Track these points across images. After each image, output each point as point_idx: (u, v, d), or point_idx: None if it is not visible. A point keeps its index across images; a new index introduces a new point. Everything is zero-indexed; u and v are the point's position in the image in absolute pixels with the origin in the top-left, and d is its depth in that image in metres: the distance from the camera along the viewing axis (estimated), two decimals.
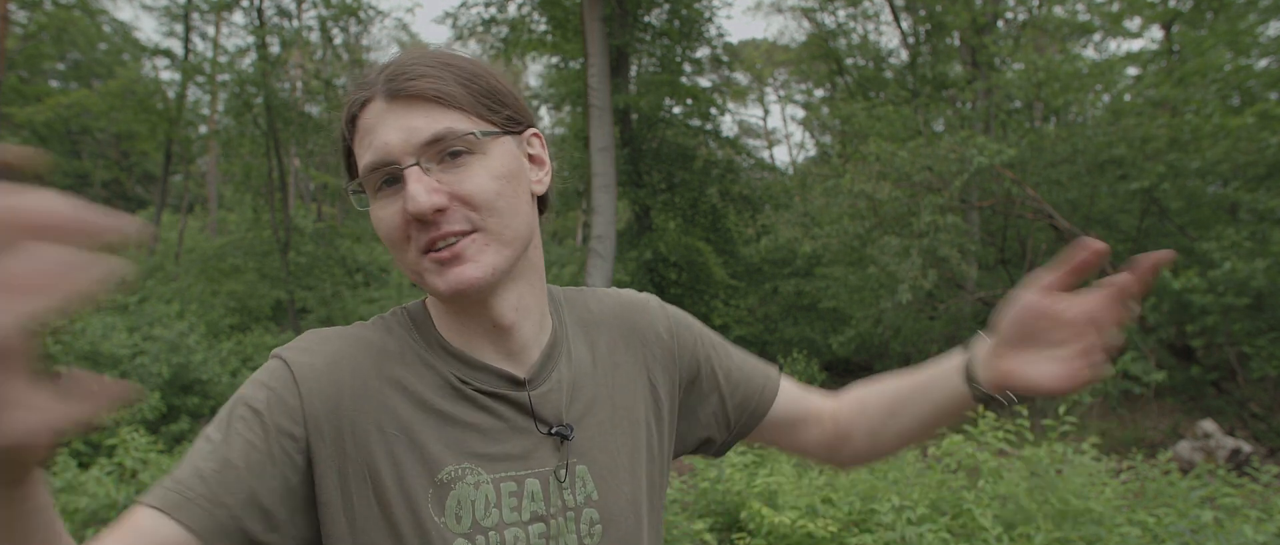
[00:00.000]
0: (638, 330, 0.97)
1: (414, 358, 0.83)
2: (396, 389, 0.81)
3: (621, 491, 0.88)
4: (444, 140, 0.76)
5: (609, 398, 0.91)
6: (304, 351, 0.80)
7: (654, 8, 14.98)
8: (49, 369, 0.36)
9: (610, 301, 0.99)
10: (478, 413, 0.82)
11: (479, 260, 0.77)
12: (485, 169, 0.78)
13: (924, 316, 12.20)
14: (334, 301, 15.90)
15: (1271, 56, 10.13)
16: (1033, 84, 11.17)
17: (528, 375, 0.86)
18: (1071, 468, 3.84)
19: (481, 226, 0.78)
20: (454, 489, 0.79)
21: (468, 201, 0.77)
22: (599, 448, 0.88)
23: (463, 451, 0.80)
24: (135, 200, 28.56)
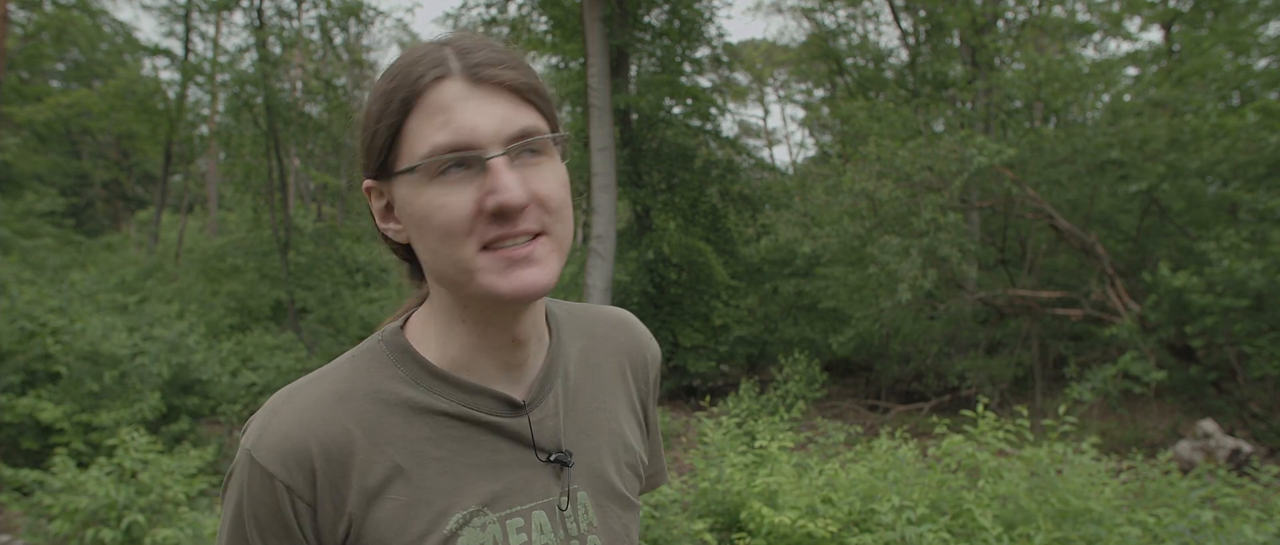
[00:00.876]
0: (628, 352, 0.96)
1: (401, 401, 0.77)
2: (394, 443, 0.76)
3: (619, 516, 0.87)
4: (530, 137, 0.73)
5: (603, 420, 0.89)
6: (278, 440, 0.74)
7: (654, 8, 14.97)
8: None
9: (605, 319, 0.96)
10: (475, 448, 0.79)
11: (547, 265, 0.74)
12: (555, 174, 0.76)
13: (924, 316, 12.20)
14: (334, 301, 15.89)
15: (1271, 56, 10.14)
16: (1032, 84, 11.17)
17: (526, 398, 0.82)
18: (1071, 468, 3.84)
19: (550, 231, 0.75)
20: (462, 536, 0.76)
21: (543, 203, 0.74)
22: (596, 473, 0.86)
23: (465, 495, 0.77)
24: (135, 200, 28.54)
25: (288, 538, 0.74)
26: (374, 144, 0.76)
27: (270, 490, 0.73)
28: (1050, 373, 11.65)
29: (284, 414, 0.75)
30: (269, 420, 0.76)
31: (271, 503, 0.73)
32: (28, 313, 8.44)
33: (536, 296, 0.74)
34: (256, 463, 0.74)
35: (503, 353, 0.81)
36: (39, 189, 17.63)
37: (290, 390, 0.78)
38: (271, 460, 0.73)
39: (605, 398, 0.90)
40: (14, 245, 12.72)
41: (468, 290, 0.75)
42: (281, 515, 0.74)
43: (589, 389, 0.89)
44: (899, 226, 9.95)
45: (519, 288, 0.73)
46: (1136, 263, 11.14)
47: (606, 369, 0.92)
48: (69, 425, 7.53)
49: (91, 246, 16.95)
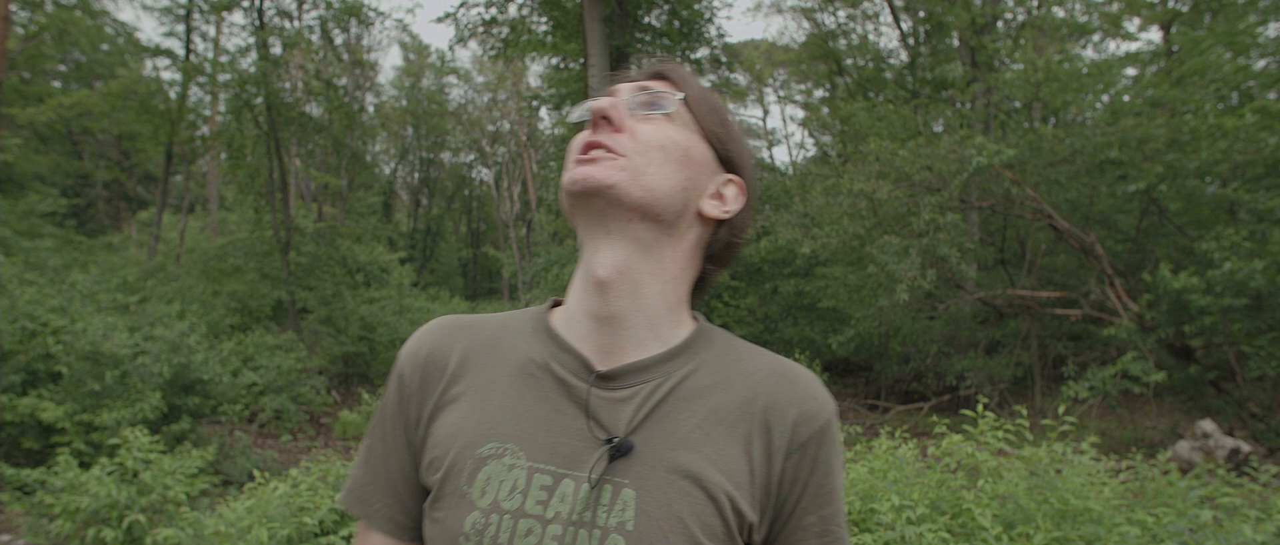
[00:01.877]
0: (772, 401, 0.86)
1: (511, 344, 0.90)
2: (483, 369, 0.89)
3: (665, 540, 0.79)
4: (651, 91, 0.88)
5: (695, 443, 0.83)
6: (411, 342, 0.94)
7: (654, 8, 14.99)
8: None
9: (766, 364, 0.89)
10: (542, 399, 0.85)
11: (603, 167, 0.83)
12: (667, 129, 0.87)
13: (923, 316, 12.21)
14: (334, 301, 15.90)
15: (1270, 57, 10.14)
16: (1031, 84, 11.18)
17: (607, 371, 0.84)
18: (1071, 467, 3.85)
19: (631, 159, 0.83)
20: (488, 465, 0.82)
21: (635, 134, 0.85)
22: (659, 486, 0.80)
23: (509, 431, 0.83)
24: (136, 200, 28.56)
25: (394, 419, 0.92)
26: None
27: (396, 376, 0.93)
28: (1050, 373, 11.67)
29: (425, 326, 0.96)
30: (419, 329, 0.96)
31: (394, 386, 0.93)
32: (29, 313, 8.45)
33: (584, 188, 0.82)
34: (398, 355, 0.95)
35: (592, 324, 0.87)
36: (40, 189, 17.65)
37: (446, 315, 0.98)
38: (403, 353, 0.94)
39: (712, 426, 0.84)
40: (15, 246, 12.73)
41: None
42: (394, 396, 0.92)
43: (696, 408, 0.84)
44: (898, 227, 9.96)
45: (570, 178, 0.83)
46: (1136, 263, 11.15)
47: (730, 401, 0.85)
48: (70, 425, 7.54)
49: (92, 247, 16.95)
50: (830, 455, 0.87)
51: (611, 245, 0.85)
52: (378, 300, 17.59)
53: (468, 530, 0.80)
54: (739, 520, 0.83)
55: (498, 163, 34.69)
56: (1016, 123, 13.70)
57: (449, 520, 0.82)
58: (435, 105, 33.79)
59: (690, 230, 0.89)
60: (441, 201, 37.67)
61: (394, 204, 35.72)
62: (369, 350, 16.82)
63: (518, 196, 33.90)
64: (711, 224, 0.91)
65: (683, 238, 0.88)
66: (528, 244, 32.49)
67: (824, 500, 0.87)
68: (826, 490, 0.87)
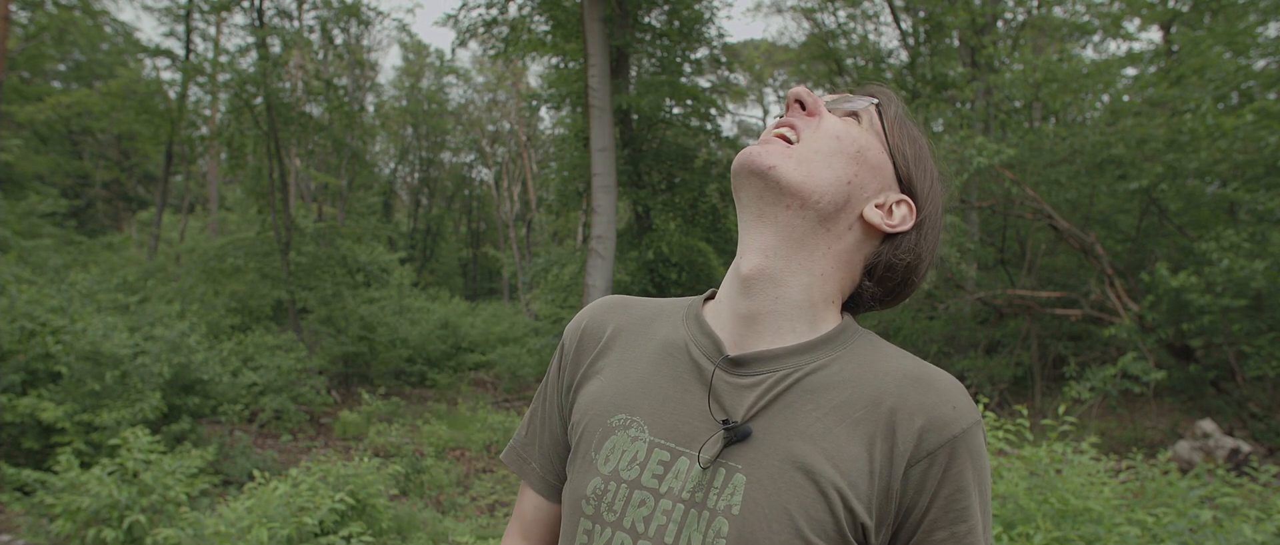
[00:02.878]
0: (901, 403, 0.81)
1: (662, 327, 0.94)
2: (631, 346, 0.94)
3: (768, 529, 0.77)
4: (855, 99, 0.93)
5: (816, 436, 0.80)
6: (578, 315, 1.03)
7: (654, 8, 14.99)
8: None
9: (902, 364, 0.85)
10: (675, 379, 0.88)
11: (771, 151, 0.85)
12: (849, 126, 0.89)
13: (923, 316, 12.21)
14: (334, 301, 15.90)
15: (1270, 57, 10.14)
16: (1031, 84, 11.18)
17: (736, 356, 0.85)
18: (1071, 467, 3.85)
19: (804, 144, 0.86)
20: (615, 435, 0.87)
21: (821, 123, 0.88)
22: (771, 475, 0.79)
23: (640, 406, 0.87)
24: (136, 200, 28.56)
25: (553, 382, 1.01)
26: None
27: (560, 345, 1.01)
28: (1049, 373, 11.67)
29: (590, 304, 1.03)
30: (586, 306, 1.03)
31: (557, 354, 1.01)
32: (28, 312, 8.44)
33: (748, 167, 0.85)
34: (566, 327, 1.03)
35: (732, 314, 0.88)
36: (40, 189, 17.65)
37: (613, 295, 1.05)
38: (568, 326, 1.02)
39: (834, 420, 0.81)
40: (14, 245, 12.73)
41: None
42: (558, 361, 1.01)
43: (820, 402, 0.82)
44: None
45: (739, 157, 0.86)
46: (1136, 263, 11.15)
47: (859, 399, 0.82)
48: (70, 425, 7.54)
49: (92, 246, 16.95)
50: (964, 469, 0.80)
51: (762, 231, 0.86)
52: (378, 300, 17.58)
53: (588, 494, 0.86)
54: (851, 520, 0.78)
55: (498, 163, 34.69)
56: (1016, 123, 13.70)
57: (576, 482, 0.89)
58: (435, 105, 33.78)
59: (849, 232, 0.87)
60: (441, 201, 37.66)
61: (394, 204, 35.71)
62: (369, 350, 16.81)
63: (518, 196, 33.89)
64: (876, 235, 0.89)
65: (840, 237, 0.87)
66: (528, 244, 32.47)
67: (956, 517, 0.80)
68: (959, 507, 0.80)
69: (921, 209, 0.92)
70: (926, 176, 0.94)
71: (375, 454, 9.11)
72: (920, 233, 0.92)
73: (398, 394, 15.74)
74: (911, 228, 0.91)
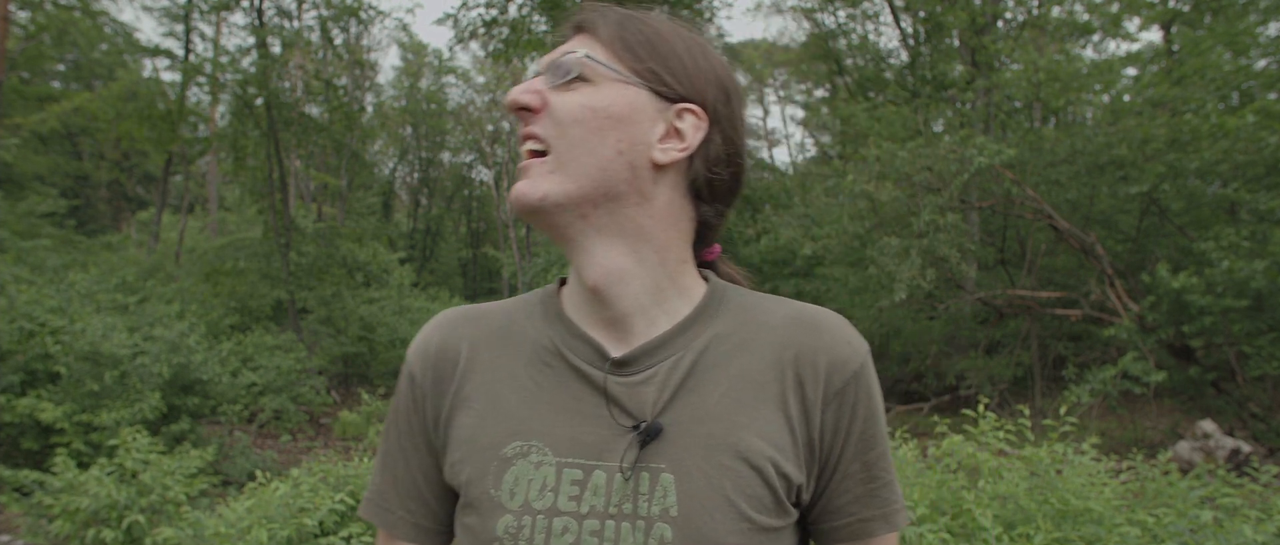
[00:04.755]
0: (800, 353, 0.81)
1: (521, 332, 0.86)
2: (495, 362, 0.85)
3: (713, 522, 0.75)
4: (561, 59, 0.81)
5: (727, 413, 0.79)
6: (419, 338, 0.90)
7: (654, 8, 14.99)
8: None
9: (787, 314, 0.84)
10: (560, 389, 0.81)
11: (535, 182, 0.78)
12: (585, 96, 0.79)
13: (923, 316, 12.20)
14: (334, 302, 15.90)
15: (1270, 57, 10.14)
16: (1032, 84, 11.18)
17: (622, 356, 0.80)
18: (1071, 468, 3.84)
19: (553, 147, 0.78)
20: (515, 465, 0.78)
21: (553, 114, 0.79)
22: (698, 465, 0.76)
23: (534, 429, 0.79)
24: (136, 201, 28.56)
25: (410, 421, 0.89)
26: None
27: (406, 376, 0.89)
28: (1050, 373, 11.66)
29: (431, 321, 0.92)
30: (424, 325, 0.92)
31: (406, 388, 0.89)
32: (27, 313, 8.44)
33: (520, 209, 0.78)
34: (407, 356, 0.91)
35: (588, 298, 0.83)
36: (40, 190, 17.64)
37: (450, 308, 0.93)
38: (411, 352, 0.90)
39: (742, 390, 0.80)
40: (12, 246, 12.73)
41: None
42: (408, 399, 0.89)
43: (722, 376, 0.80)
44: (899, 227, 9.95)
45: (511, 198, 0.78)
46: (1136, 263, 11.14)
47: (757, 361, 0.81)
48: (69, 425, 7.53)
49: (92, 246, 16.94)
50: (869, 399, 0.83)
51: (583, 246, 0.80)
52: (378, 300, 17.57)
53: (500, 534, 0.77)
54: (787, 485, 0.79)
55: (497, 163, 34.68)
56: (1017, 123, 13.70)
57: (480, 526, 0.78)
58: (434, 105, 33.78)
59: (657, 187, 0.80)
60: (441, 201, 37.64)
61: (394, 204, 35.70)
62: (369, 350, 16.80)
63: None
64: (682, 164, 0.82)
65: (651, 199, 0.80)
66: (528, 244, 32.48)
67: (867, 445, 0.83)
68: (869, 435, 0.83)
69: (701, 98, 0.82)
70: (684, 64, 0.82)
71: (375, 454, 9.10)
72: (717, 123, 0.83)
73: None
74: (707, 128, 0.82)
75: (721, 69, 0.85)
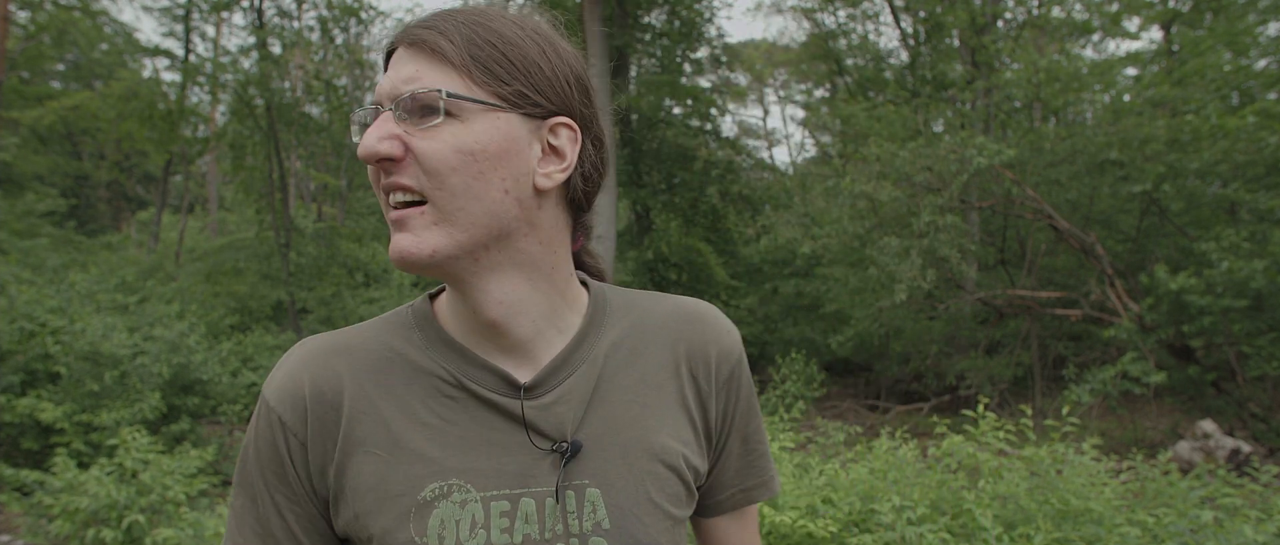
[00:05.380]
0: (689, 346, 0.86)
1: (407, 362, 0.78)
2: (385, 398, 0.77)
3: (643, 523, 0.79)
4: (417, 95, 0.70)
5: (636, 418, 0.81)
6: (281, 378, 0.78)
7: (654, 8, 14.98)
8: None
9: (669, 310, 0.88)
10: (471, 422, 0.77)
11: (421, 236, 0.71)
12: (454, 137, 0.70)
13: (923, 316, 12.20)
14: (334, 302, 15.90)
15: (1271, 57, 10.14)
16: (1032, 84, 11.17)
17: (531, 381, 0.78)
18: (1071, 468, 3.84)
19: (431, 198, 0.71)
20: (437, 508, 0.74)
21: (421, 162, 0.70)
22: (620, 474, 0.79)
23: (451, 467, 0.75)
24: (135, 201, 28.55)
25: (281, 473, 0.77)
26: None
27: (269, 424, 0.77)
28: (1050, 373, 11.66)
29: (292, 357, 0.80)
30: (282, 362, 0.80)
31: (269, 436, 0.77)
32: (27, 313, 8.44)
33: (407, 266, 0.71)
34: (264, 399, 0.79)
35: (482, 330, 0.78)
36: (39, 189, 17.64)
37: (308, 339, 0.81)
38: (273, 397, 0.78)
39: (645, 392, 0.82)
40: (12, 246, 12.72)
41: None
42: (276, 449, 0.77)
43: (625, 382, 0.82)
44: (899, 227, 9.95)
45: (393, 254, 0.72)
46: (1136, 263, 11.14)
47: (653, 362, 0.84)
48: (69, 425, 7.53)
49: (91, 246, 16.95)
50: (747, 378, 0.90)
51: (480, 287, 0.76)
52: (378, 300, 17.56)
53: None
54: (695, 475, 0.85)
55: None
56: (1017, 123, 13.69)
57: None
58: None
59: (541, 212, 0.77)
60: None
61: None
62: None
63: None
64: (563, 185, 0.79)
65: (538, 225, 0.77)
66: None
67: (746, 420, 0.90)
68: (747, 410, 0.90)
69: (569, 106, 0.76)
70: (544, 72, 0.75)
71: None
72: (587, 128, 0.79)
73: None
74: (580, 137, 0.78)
75: (574, 61, 0.78)
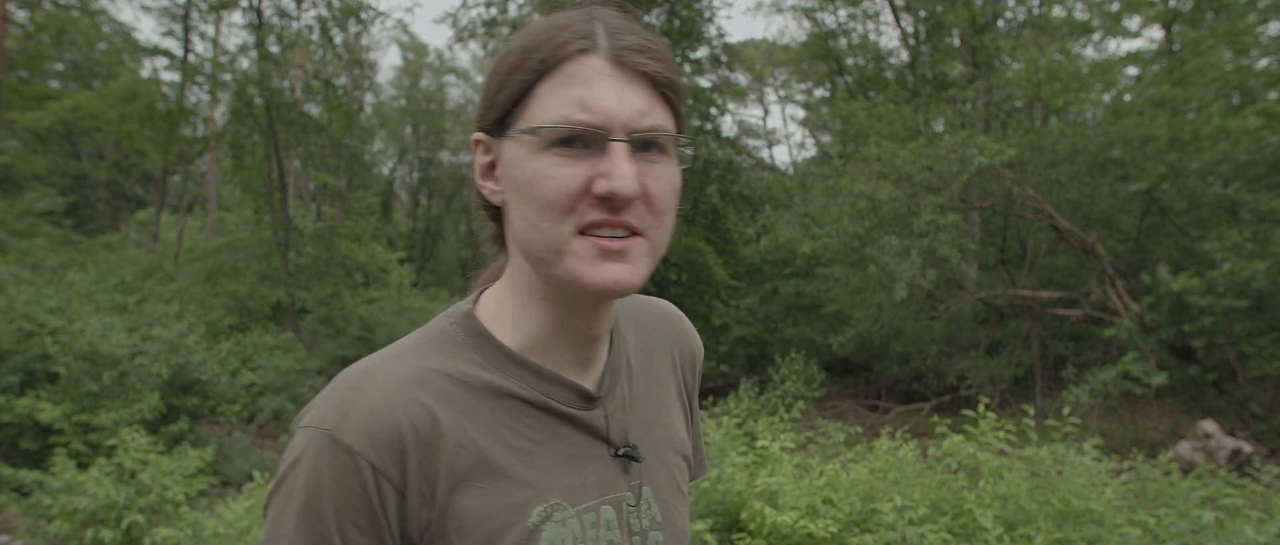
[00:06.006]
0: (677, 344, 0.95)
1: (484, 385, 0.76)
2: (476, 426, 0.74)
3: (678, 510, 0.86)
4: (657, 135, 0.71)
5: (660, 413, 0.89)
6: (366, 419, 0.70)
7: (654, 8, 14.98)
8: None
9: (654, 310, 0.95)
10: (553, 439, 0.77)
11: (638, 266, 0.72)
12: (669, 177, 0.73)
13: (924, 316, 12.19)
14: (333, 302, 15.90)
15: (1271, 56, 10.13)
16: (1032, 84, 11.17)
17: (599, 390, 0.81)
18: (1072, 468, 3.83)
19: (647, 233, 0.72)
20: (545, 531, 0.74)
21: (651, 202, 0.72)
22: (658, 469, 0.85)
23: (546, 488, 0.75)
24: (135, 200, 28.54)
25: (373, 529, 0.70)
26: (498, 97, 0.74)
27: (356, 473, 0.68)
28: (1050, 373, 11.65)
29: (368, 391, 0.71)
30: (351, 398, 0.71)
31: (358, 487, 0.69)
32: (26, 313, 8.43)
33: (622, 294, 0.72)
34: (340, 444, 0.68)
35: (577, 344, 0.79)
36: (39, 189, 17.63)
37: (367, 369, 0.74)
38: (358, 440, 0.69)
39: (659, 390, 0.90)
40: (10, 246, 12.71)
41: (553, 271, 0.72)
42: (366, 501, 0.69)
43: (645, 381, 0.88)
44: (899, 227, 9.95)
45: (608, 281, 0.70)
46: (1137, 263, 11.13)
47: (659, 360, 0.91)
48: (68, 425, 7.52)
49: (90, 246, 16.93)
50: (700, 370, 1.01)
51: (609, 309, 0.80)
52: (377, 300, 17.58)
53: None
54: (690, 448, 0.94)
55: None
56: (1017, 122, 13.69)
57: None
58: (434, 105, 33.78)
59: None
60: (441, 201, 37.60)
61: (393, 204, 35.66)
62: (368, 350, 16.74)
63: None
64: None
65: None
66: None
67: (696, 408, 1.00)
68: (696, 390, 1.00)
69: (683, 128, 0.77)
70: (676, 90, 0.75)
71: None
72: None
73: None
74: None
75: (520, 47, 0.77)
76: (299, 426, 0.72)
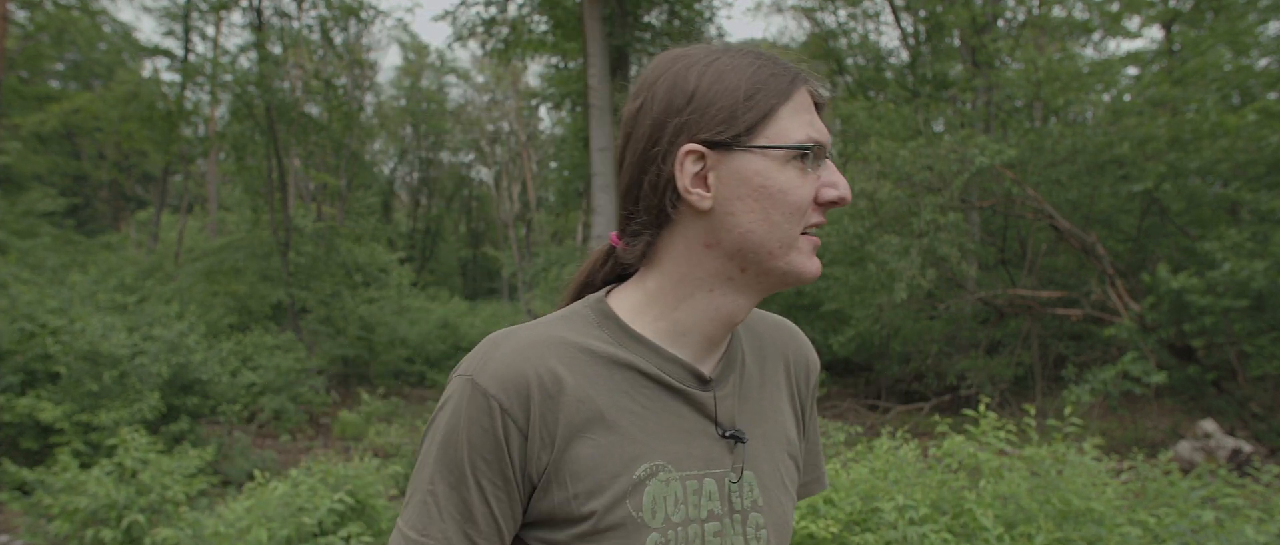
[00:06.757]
0: (791, 354, 1.02)
1: (607, 356, 0.86)
2: (596, 388, 0.84)
3: (780, 502, 0.93)
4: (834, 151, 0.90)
5: (770, 411, 0.96)
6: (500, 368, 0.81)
7: (654, 7, 14.97)
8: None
9: (770, 321, 1.04)
10: (664, 410, 0.86)
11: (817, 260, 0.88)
12: None
13: (924, 316, 12.19)
14: (334, 302, 15.89)
15: (1271, 56, 10.13)
16: (1032, 83, 11.17)
17: (712, 375, 0.90)
18: (1072, 468, 3.83)
19: None
20: (649, 486, 0.83)
21: None
22: (764, 459, 0.93)
23: (653, 449, 0.84)
24: (135, 200, 28.54)
25: (497, 461, 0.81)
26: (740, 115, 0.83)
27: (488, 412, 0.80)
28: (1050, 373, 11.66)
29: (505, 347, 0.83)
30: (491, 352, 0.83)
31: (488, 425, 0.80)
32: (27, 313, 8.43)
33: (810, 281, 0.88)
34: (478, 387, 0.81)
35: (717, 333, 0.89)
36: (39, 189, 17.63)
37: (508, 331, 0.86)
38: (493, 385, 0.80)
39: (771, 390, 0.97)
40: (12, 246, 12.71)
41: (776, 262, 0.85)
42: (494, 437, 0.80)
43: (758, 379, 0.96)
44: (899, 226, 9.95)
45: (816, 270, 0.87)
46: (1137, 263, 11.14)
47: (772, 365, 0.99)
48: (69, 425, 7.52)
49: (91, 246, 16.92)
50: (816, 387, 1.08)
51: None
52: (377, 300, 17.57)
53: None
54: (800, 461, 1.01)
55: (497, 163, 34.67)
56: (1017, 122, 13.69)
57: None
58: (434, 105, 33.77)
59: None
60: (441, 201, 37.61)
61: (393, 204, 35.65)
62: (368, 350, 16.78)
63: (517, 196, 33.89)
64: None
65: None
66: (527, 244, 32.47)
67: (815, 424, 1.08)
68: (815, 416, 1.07)
69: None
70: None
71: (374, 454, 9.09)
72: None
73: (397, 394, 15.72)
74: None
75: None
76: (453, 375, 0.85)
